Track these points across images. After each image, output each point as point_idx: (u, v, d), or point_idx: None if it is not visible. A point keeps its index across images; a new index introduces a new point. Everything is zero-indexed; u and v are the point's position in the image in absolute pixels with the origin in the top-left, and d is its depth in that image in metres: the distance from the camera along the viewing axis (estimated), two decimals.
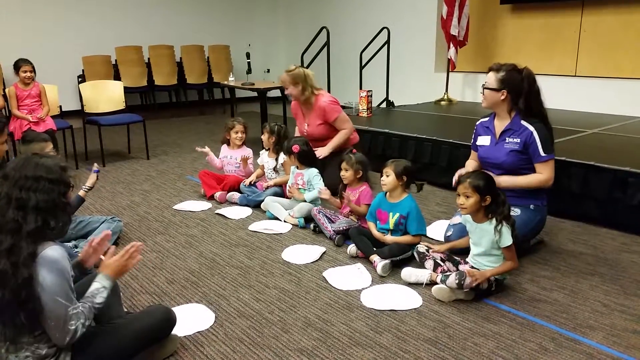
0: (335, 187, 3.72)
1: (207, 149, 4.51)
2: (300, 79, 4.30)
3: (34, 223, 1.72)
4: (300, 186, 3.89)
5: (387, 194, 3.14)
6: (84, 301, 1.82)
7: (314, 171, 3.86)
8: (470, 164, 3.34)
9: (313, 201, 3.78)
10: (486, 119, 3.30)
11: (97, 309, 1.86)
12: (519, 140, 3.05)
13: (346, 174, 3.45)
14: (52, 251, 1.74)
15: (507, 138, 3.10)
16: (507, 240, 2.56)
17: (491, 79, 3.09)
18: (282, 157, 4.17)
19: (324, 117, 4.35)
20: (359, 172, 3.43)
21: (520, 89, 3.04)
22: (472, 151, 3.41)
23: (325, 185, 4.09)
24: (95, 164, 3.52)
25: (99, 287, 1.89)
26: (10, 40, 7.88)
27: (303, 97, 4.36)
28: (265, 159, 4.35)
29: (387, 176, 3.08)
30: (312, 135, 4.42)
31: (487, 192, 2.60)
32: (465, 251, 2.86)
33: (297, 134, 4.68)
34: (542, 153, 3.00)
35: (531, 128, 3.02)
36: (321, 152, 4.27)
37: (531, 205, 3.09)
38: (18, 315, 1.69)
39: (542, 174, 3.02)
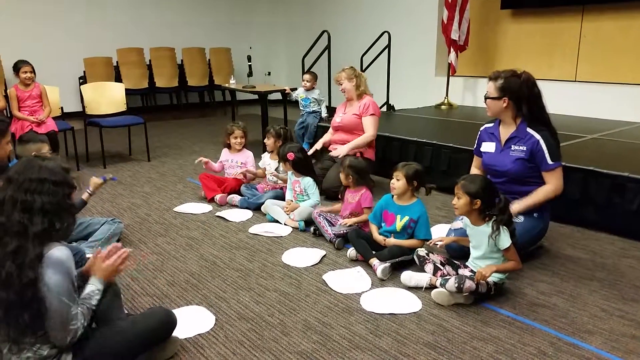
0: (335, 190, 3.74)
1: (203, 159, 4.49)
2: (356, 76, 4.54)
3: (40, 225, 1.74)
4: (298, 192, 3.89)
5: (395, 196, 3.15)
6: (81, 303, 1.86)
7: (309, 180, 3.86)
8: (474, 172, 3.32)
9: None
10: (491, 124, 3.30)
11: (93, 311, 1.91)
12: (525, 148, 3.04)
13: (341, 177, 3.49)
14: (58, 252, 1.76)
15: (512, 145, 3.10)
16: (505, 242, 2.58)
17: (491, 88, 3.10)
18: None
19: (362, 109, 4.48)
20: (349, 177, 3.45)
21: (520, 94, 3.04)
22: (475, 157, 3.40)
23: (325, 189, 4.12)
24: (111, 175, 3.51)
25: (93, 290, 1.94)
26: (12, 41, 7.90)
27: (357, 92, 4.53)
28: (267, 161, 4.37)
29: (398, 180, 3.08)
30: (343, 123, 4.56)
31: (477, 196, 2.62)
32: (464, 255, 2.87)
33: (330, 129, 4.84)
34: (549, 161, 2.99)
35: (537, 136, 3.02)
36: (339, 150, 4.43)
37: (535, 213, 3.09)
38: (22, 316, 1.71)
39: (550, 185, 3.02)
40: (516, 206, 3.00)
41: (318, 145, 4.79)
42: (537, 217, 3.09)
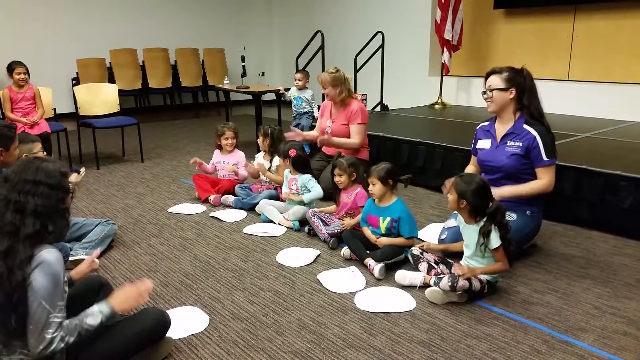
0: (331, 191, 3.73)
1: (197, 159, 4.45)
2: (340, 82, 4.41)
3: (32, 227, 1.72)
4: (294, 191, 3.89)
5: (377, 200, 3.16)
6: (73, 318, 1.79)
7: (308, 176, 3.86)
8: (470, 170, 3.35)
9: (309, 203, 3.79)
10: (486, 123, 3.33)
11: (86, 330, 1.80)
12: (521, 144, 3.06)
13: (341, 179, 3.47)
14: (48, 254, 1.74)
15: (508, 141, 3.12)
16: (494, 242, 2.58)
17: (496, 80, 3.11)
18: (277, 159, 4.19)
19: (350, 117, 4.43)
20: (353, 174, 3.45)
21: (524, 87, 3.09)
22: (472, 156, 3.42)
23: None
24: (83, 169, 3.47)
25: (95, 310, 1.85)
26: (5, 42, 7.86)
27: (339, 98, 4.46)
28: (261, 161, 4.38)
29: (374, 185, 3.10)
30: (333, 133, 4.51)
31: (463, 196, 2.63)
32: (459, 254, 2.87)
33: (316, 129, 4.77)
34: (545, 157, 3.01)
35: (534, 132, 3.03)
36: (322, 137, 4.41)
37: (528, 211, 3.10)
38: (9, 319, 1.69)
39: (543, 180, 3.03)
40: (506, 189, 3.02)
41: (298, 137, 4.70)
42: (530, 215, 3.11)
